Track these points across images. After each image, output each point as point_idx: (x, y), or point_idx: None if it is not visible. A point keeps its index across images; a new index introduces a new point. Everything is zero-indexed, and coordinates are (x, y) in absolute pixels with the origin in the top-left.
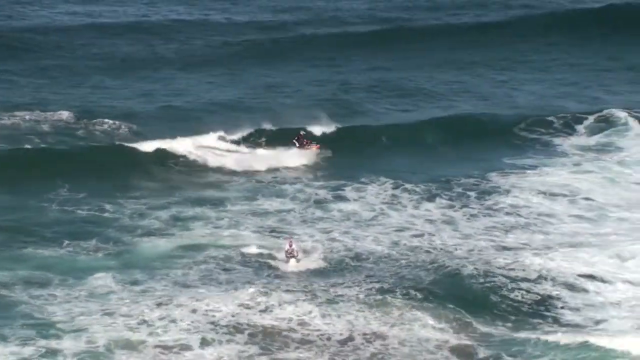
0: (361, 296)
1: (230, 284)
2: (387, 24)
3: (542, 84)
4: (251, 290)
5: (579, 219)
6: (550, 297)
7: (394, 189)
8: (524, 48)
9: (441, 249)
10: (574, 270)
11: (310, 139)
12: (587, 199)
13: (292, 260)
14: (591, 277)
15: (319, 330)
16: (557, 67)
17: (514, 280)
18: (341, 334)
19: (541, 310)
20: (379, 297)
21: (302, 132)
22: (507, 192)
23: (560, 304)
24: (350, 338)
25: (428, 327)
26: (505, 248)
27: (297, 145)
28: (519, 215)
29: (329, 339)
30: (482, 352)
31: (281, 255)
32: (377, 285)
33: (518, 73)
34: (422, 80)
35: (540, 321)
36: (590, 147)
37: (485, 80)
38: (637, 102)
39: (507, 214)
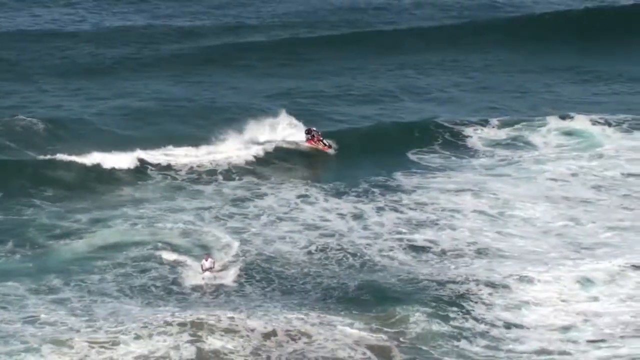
0: (281, 301)
1: (145, 302)
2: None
3: (459, 87)
4: (165, 315)
5: (485, 215)
6: (463, 296)
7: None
8: (452, 52)
9: (352, 248)
10: (484, 271)
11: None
12: (495, 194)
13: (207, 273)
14: (518, 277)
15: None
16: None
17: (427, 280)
18: (264, 333)
19: (454, 309)
20: (296, 300)
21: (314, 128)
22: (414, 190)
23: (472, 304)
24: (274, 333)
25: (346, 327)
26: (414, 247)
27: (308, 138)
28: (427, 212)
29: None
30: (398, 351)
31: (198, 267)
32: (296, 289)
33: (436, 78)
34: (346, 87)
35: (456, 320)
36: (502, 145)
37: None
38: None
39: (413, 210)
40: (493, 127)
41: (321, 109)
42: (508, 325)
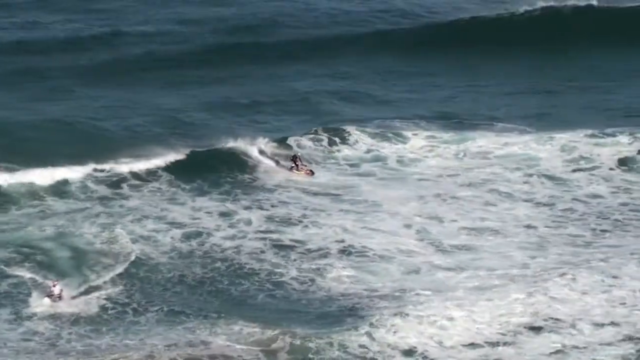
0: (154, 317)
1: None
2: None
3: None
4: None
5: (355, 214)
6: (330, 299)
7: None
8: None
9: (221, 251)
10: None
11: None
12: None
13: (47, 300)
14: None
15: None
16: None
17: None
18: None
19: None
20: (170, 318)
21: (298, 154)
22: (275, 189)
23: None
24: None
25: (230, 338)
26: (281, 246)
27: (293, 166)
28: (292, 211)
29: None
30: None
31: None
32: (166, 307)
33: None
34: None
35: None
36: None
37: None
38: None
39: (278, 208)
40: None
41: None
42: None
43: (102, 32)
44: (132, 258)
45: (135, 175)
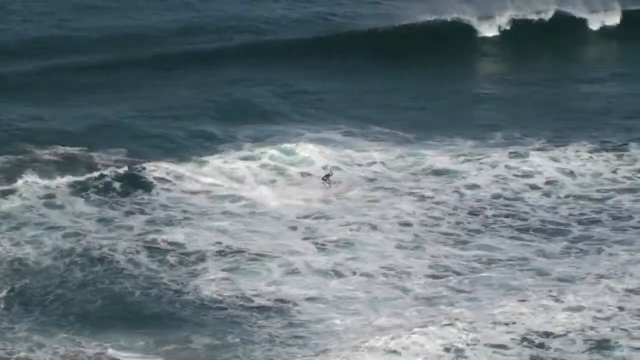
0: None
1: None
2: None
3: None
4: None
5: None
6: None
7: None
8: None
9: (99, 255)
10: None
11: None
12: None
13: None
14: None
15: None
16: None
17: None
18: None
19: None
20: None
21: (330, 172)
22: (164, 191)
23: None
24: None
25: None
26: (159, 250)
27: (325, 183)
28: (173, 213)
29: None
30: None
31: None
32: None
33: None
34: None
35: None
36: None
37: None
38: None
39: (160, 211)
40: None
41: None
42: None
43: None
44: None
45: None
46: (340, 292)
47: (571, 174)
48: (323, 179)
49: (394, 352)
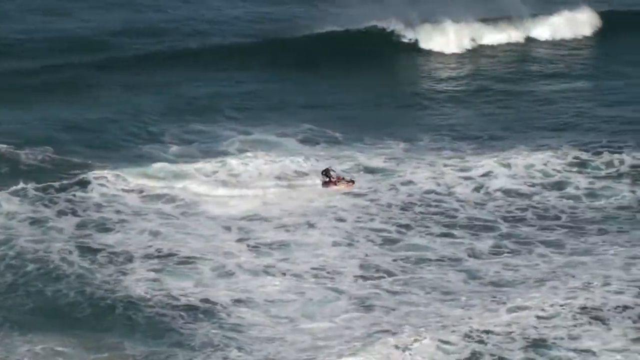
0: None
1: None
2: None
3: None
4: None
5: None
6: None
7: None
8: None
9: (32, 257)
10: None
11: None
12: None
13: None
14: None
15: None
16: None
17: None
18: None
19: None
20: None
21: (330, 167)
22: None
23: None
24: None
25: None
26: (93, 250)
27: (327, 180)
28: (107, 214)
29: None
30: None
31: None
32: None
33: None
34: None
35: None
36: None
37: None
38: None
39: (95, 213)
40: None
41: None
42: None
43: None
44: None
45: None
46: (272, 295)
47: (502, 172)
48: (323, 173)
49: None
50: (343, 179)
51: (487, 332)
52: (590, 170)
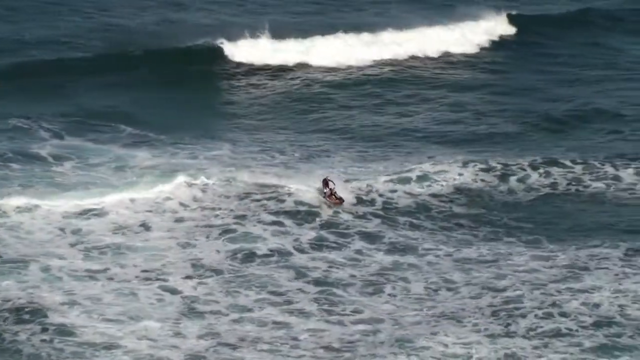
0: None
1: None
2: None
3: None
4: None
5: None
6: None
7: None
8: None
9: None
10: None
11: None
12: None
13: None
14: None
15: None
16: None
17: None
18: None
19: None
20: None
21: (330, 180)
22: None
23: None
24: None
25: None
26: None
27: (326, 192)
28: None
29: None
30: None
31: None
32: None
33: None
34: None
35: None
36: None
37: None
38: None
39: None
40: None
41: None
42: None
43: None
44: None
45: None
46: (101, 298)
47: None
48: (324, 183)
49: None
50: (334, 194)
51: None
52: None
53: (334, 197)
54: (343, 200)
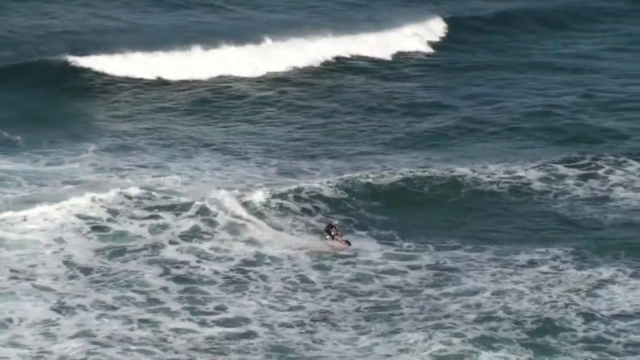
0: None
1: None
2: None
3: None
4: None
5: None
6: None
7: None
8: None
9: None
10: None
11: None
12: None
13: None
14: None
15: None
16: None
17: None
18: None
19: None
20: None
21: (334, 223)
22: None
23: None
24: None
25: None
26: None
27: (328, 237)
28: None
29: None
30: None
31: None
32: None
33: None
34: None
35: None
36: None
37: None
38: None
39: None
40: None
41: None
42: None
43: None
44: None
45: None
46: None
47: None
48: (327, 230)
49: None
50: (341, 236)
51: None
52: None
53: (339, 238)
54: (350, 244)
